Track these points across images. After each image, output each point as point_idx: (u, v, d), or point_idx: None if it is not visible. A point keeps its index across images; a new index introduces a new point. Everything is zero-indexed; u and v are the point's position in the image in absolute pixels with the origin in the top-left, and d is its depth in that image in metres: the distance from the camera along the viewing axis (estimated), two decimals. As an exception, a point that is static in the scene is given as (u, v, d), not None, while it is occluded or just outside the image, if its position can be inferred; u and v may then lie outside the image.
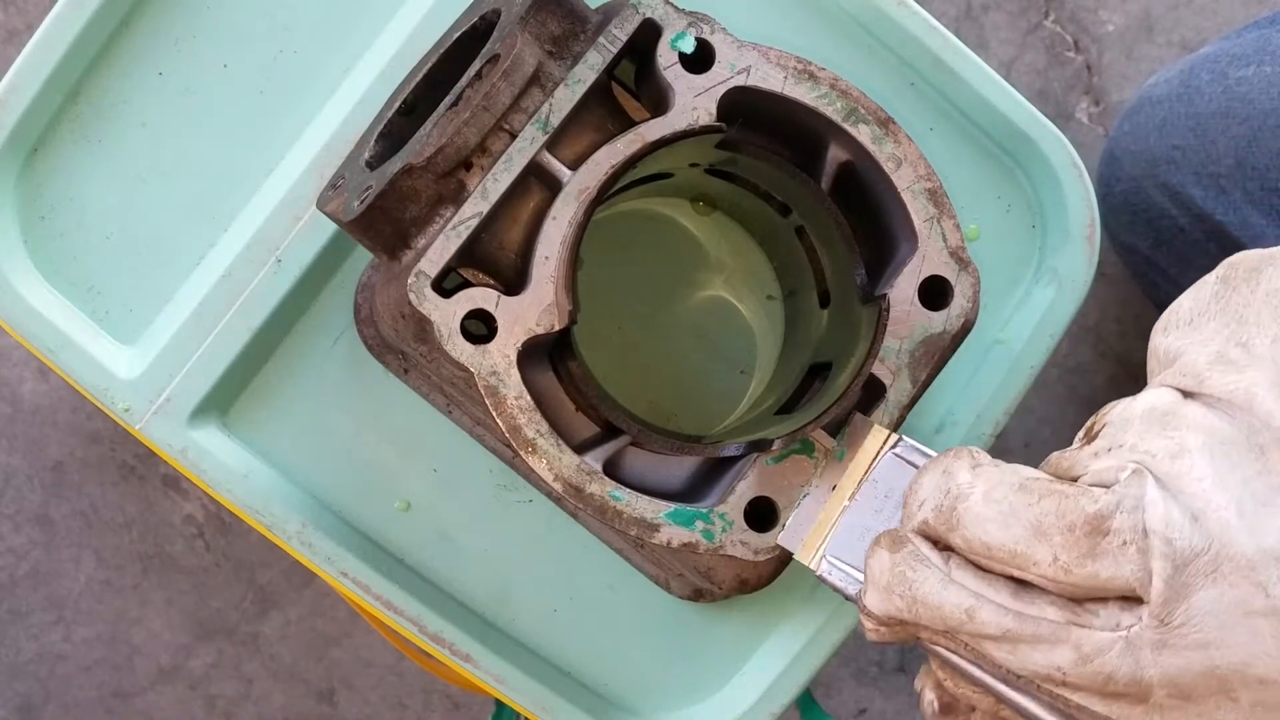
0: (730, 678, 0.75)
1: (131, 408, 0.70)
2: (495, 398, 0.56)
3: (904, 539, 0.49)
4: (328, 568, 0.71)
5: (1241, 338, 0.45)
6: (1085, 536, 0.44)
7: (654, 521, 0.58)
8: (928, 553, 0.48)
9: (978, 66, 0.71)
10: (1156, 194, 0.87)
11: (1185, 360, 0.46)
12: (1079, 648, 0.44)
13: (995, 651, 0.46)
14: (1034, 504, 0.45)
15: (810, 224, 0.65)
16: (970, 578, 0.46)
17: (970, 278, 0.59)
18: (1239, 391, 0.44)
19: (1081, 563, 0.44)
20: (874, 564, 0.49)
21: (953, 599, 0.46)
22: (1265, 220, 0.78)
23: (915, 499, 0.49)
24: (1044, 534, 0.44)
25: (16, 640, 1.12)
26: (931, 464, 0.50)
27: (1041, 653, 0.45)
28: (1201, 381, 0.45)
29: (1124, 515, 0.43)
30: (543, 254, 0.57)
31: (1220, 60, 0.83)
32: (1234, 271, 0.47)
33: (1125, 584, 0.43)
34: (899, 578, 0.48)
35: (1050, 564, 0.44)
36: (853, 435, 0.57)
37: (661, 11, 0.57)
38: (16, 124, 0.69)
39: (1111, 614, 0.44)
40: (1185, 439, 0.44)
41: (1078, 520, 0.44)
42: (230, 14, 0.71)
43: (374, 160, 0.61)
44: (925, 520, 0.48)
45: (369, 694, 1.14)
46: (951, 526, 0.47)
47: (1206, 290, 0.47)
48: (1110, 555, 0.43)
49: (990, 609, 0.45)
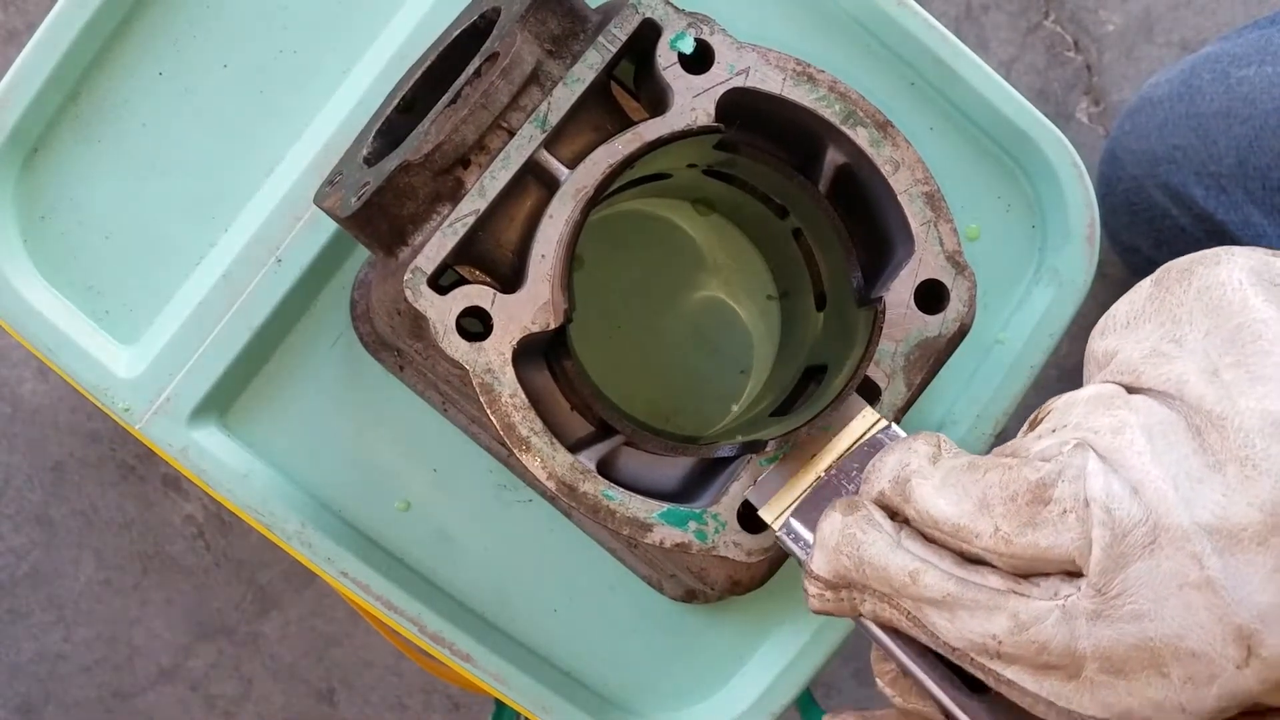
0: (730, 678, 0.74)
1: (131, 407, 0.70)
2: (490, 395, 0.56)
3: (858, 504, 0.50)
4: (328, 567, 0.71)
5: (1175, 334, 0.46)
6: (1026, 505, 0.44)
7: (647, 521, 0.57)
8: (880, 519, 0.49)
9: (978, 66, 0.71)
10: (1157, 194, 0.87)
11: (1121, 358, 0.47)
12: (1015, 615, 0.44)
13: (935, 618, 0.46)
14: (979, 479, 0.46)
15: (807, 226, 0.65)
16: (918, 545, 0.47)
17: (966, 281, 0.59)
18: (1171, 380, 0.44)
19: (1022, 531, 0.44)
20: (825, 525, 0.50)
21: (899, 561, 0.47)
22: (1266, 219, 0.78)
23: (877, 473, 0.50)
24: (988, 506, 0.45)
25: (16, 640, 1.12)
26: (898, 444, 0.51)
27: (979, 620, 0.45)
28: (1138, 376, 0.46)
29: (1065, 484, 0.44)
30: (539, 252, 0.57)
31: (1221, 60, 0.83)
32: (1167, 274, 0.48)
33: (1065, 554, 0.44)
34: (848, 539, 0.49)
35: (991, 535, 0.45)
36: (843, 413, 0.57)
37: (661, 12, 0.57)
38: (16, 124, 0.69)
39: (1051, 585, 0.44)
40: (1126, 417, 0.44)
41: (1020, 489, 0.45)
42: (230, 14, 0.71)
43: (372, 157, 0.61)
44: (882, 490, 0.49)
45: (369, 694, 1.14)
46: (905, 498, 0.48)
47: (1141, 294, 0.48)
48: (1050, 524, 0.44)
49: (934, 573, 0.46)
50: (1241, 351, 0.44)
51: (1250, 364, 0.43)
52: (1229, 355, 0.44)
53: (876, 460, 0.51)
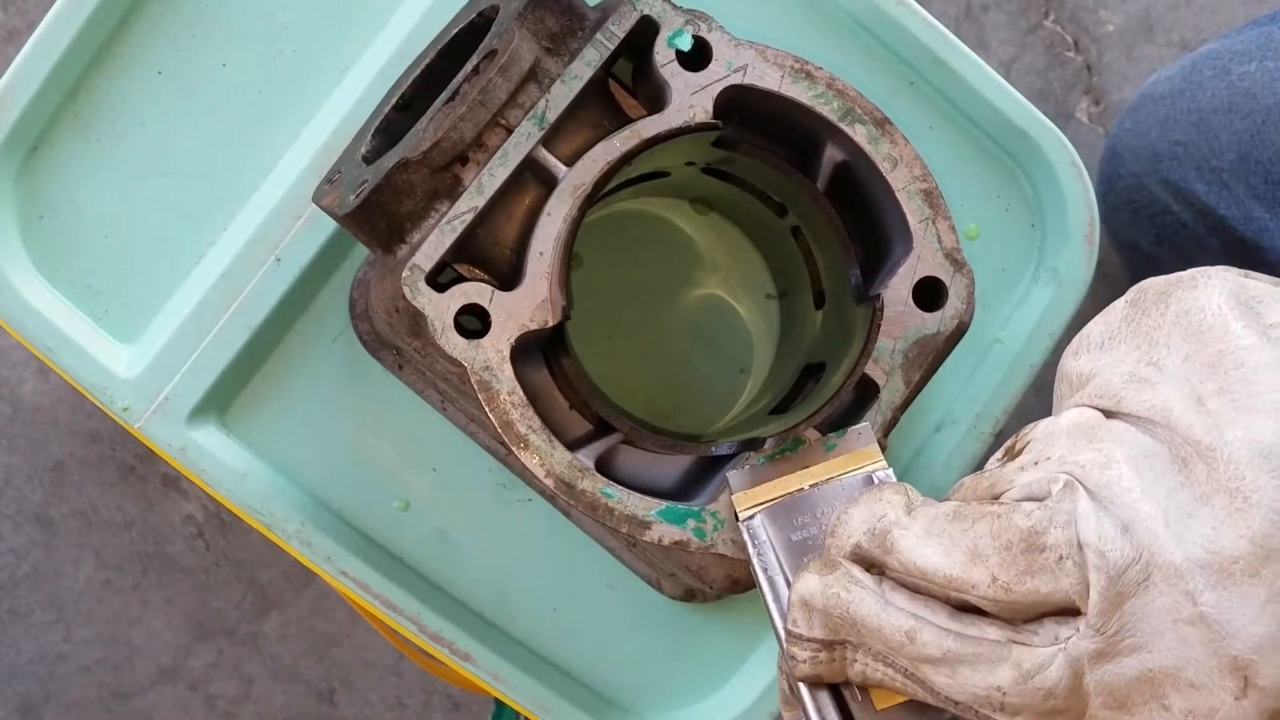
0: (729, 677, 0.74)
1: (130, 407, 0.70)
2: (488, 393, 0.56)
3: (835, 562, 0.48)
4: (327, 567, 0.71)
5: (1153, 358, 0.45)
6: (1021, 554, 0.44)
7: (645, 519, 0.57)
8: (860, 575, 0.47)
9: (978, 66, 0.71)
10: (1158, 190, 0.87)
11: (1099, 381, 0.46)
12: (1019, 665, 0.44)
13: (934, 675, 0.46)
14: (968, 528, 0.45)
15: (806, 224, 0.65)
16: (905, 599, 0.46)
17: (965, 279, 0.59)
18: (1156, 408, 0.44)
19: (1021, 580, 0.44)
20: (802, 587, 0.48)
21: (892, 620, 0.46)
22: (1268, 214, 0.78)
23: (845, 529, 0.49)
24: (980, 556, 0.45)
25: (16, 640, 1.12)
26: (863, 497, 0.49)
27: (981, 674, 0.45)
28: (1119, 401, 0.45)
29: (1058, 530, 0.43)
30: (537, 250, 0.57)
31: (1222, 56, 0.83)
32: (1143, 296, 0.47)
33: (1064, 598, 0.43)
34: (834, 599, 0.47)
35: (989, 585, 0.44)
36: (850, 439, 0.56)
37: (659, 9, 0.57)
38: (16, 123, 0.69)
39: (1050, 630, 0.44)
40: (1112, 451, 0.44)
41: (1013, 538, 0.44)
42: (230, 14, 0.71)
43: (370, 155, 0.61)
44: (858, 544, 0.48)
45: (369, 694, 1.14)
46: (886, 550, 0.47)
47: (1116, 315, 0.47)
48: (1048, 571, 0.43)
49: (931, 630, 0.45)
50: (1225, 379, 0.43)
51: (1234, 392, 0.43)
52: (1211, 383, 0.43)
53: (841, 513, 0.49)
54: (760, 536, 0.54)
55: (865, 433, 0.56)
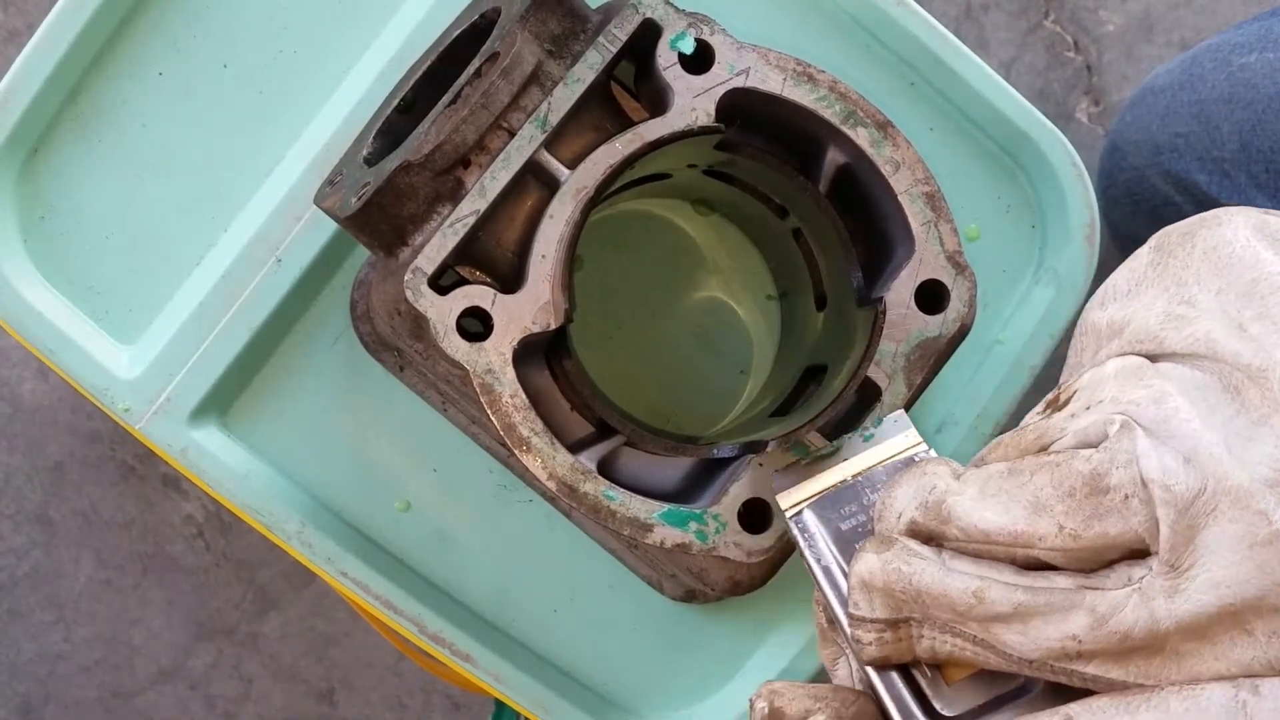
0: (730, 678, 0.74)
1: (131, 407, 0.70)
2: (490, 396, 0.56)
3: (891, 539, 0.47)
4: (327, 567, 0.71)
5: (1184, 296, 0.45)
6: (1086, 499, 0.43)
7: (647, 522, 0.57)
8: (918, 547, 0.47)
9: (978, 66, 0.71)
10: (1160, 182, 0.87)
11: (1135, 326, 0.46)
12: (1094, 610, 0.43)
13: (1006, 634, 0.45)
14: (1026, 482, 0.45)
15: (808, 226, 0.65)
16: (968, 564, 0.46)
17: (967, 282, 0.59)
18: (1199, 341, 0.44)
19: (1089, 524, 0.43)
20: (860, 567, 0.47)
21: (958, 584, 0.45)
22: (1270, 203, 0.78)
23: (892, 508, 0.48)
24: (1044, 508, 0.44)
25: (16, 640, 1.12)
26: (906, 475, 0.49)
27: (1054, 625, 0.44)
28: (1160, 342, 0.45)
29: (1120, 470, 0.43)
30: (540, 253, 0.57)
31: (1223, 49, 0.83)
32: (1167, 239, 0.47)
33: (1135, 537, 0.43)
34: (895, 574, 0.46)
35: (1057, 534, 0.44)
36: (886, 427, 0.56)
37: (661, 12, 0.57)
38: (16, 124, 0.69)
39: (1122, 573, 0.43)
40: (1163, 386, 0.44)
41: (1076, 484, 0.43)
42: (230, 14, 0.71)
43: (372, 157, 0.61)
44: (913, 519, 0.47)
45: (369, 694, 1.14)
46: (944, 520, 0.46)
47: (1141, 261, 0.47)
48: (1115, 512, 0.43)
49: (999, 587, 0.44)
50: (1263, 304, 0.43)
51: (1275, 315, 0.43)
52: (1249, 309, 0.43)
53: (886, 494, 0.49)
54: (810, 529, 0.53)
55: (901, 419, 0.55)
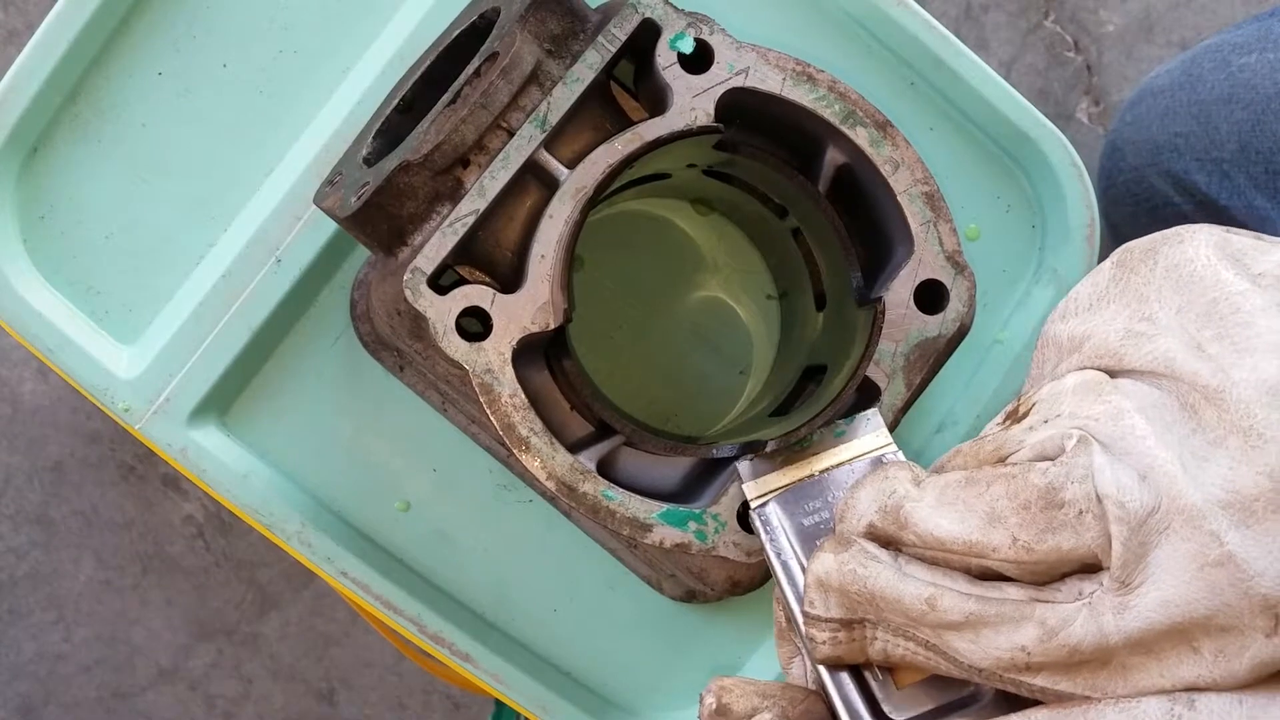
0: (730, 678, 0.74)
1: (131, 407, 0.70)
2: (489, 395, 0.56)
3: (850, 540, 0.48)
4: (327, 568, 0.71)
5: (1145, 313, 0.45)
6: (1041, 512, 0.44)
7: (647, 522, 0.57)
8: (875, 550, 0.47)
9: (978, 66, 0.71)
10: (1160, 182, 0.87)
11: (1096, 341, 0.46)
12: (1044, 622, 0.43)
13: (957, 642, 0.45)
14: (983, 492, 0.45)
15: (807, 226, 0.65)
16: (923, 570, 0.46)
17: (966, 282, 0.59)
18: (1158, 359, 0.44)
19: (1042, 538, 0.43)
20: (818, 566, 0.48)
21: (911, 590, 0.46)
22: (1269, 203, 0.78)
23: (854, 510, 0.49)
24: (999, 519, 0.44)
25: (16, 640, 1.12)
26: (869, 478, 0.49)
27: (1005, 635, 0.44)
28: (1120, 358, 0.45)
29: (1075, 485, 0.43)
30: (539, 252, 0.57)
31: (1223, 49, 0.83)
32: (1129, 256, 0.47)
33: (1088, 551, 0.43)
34: (850, 575, 0.47)
35: (1010, 546, 0.44)
36: (858, 424, 0.56)
37: (661, 11, 0.57)
38: (16, 124, 0.69)
39: (1073, 586, 0.44)
40: (1121, 403, 0.44)
41: (1031, 497, 0.44)
42: (230, 14, 0.71)
43: (371, 157, 0.61)
44: (871, 523, 0.48)
45: (369, 694, 1.14)
46: (901, 524, 0.47)
47: (1103, 276, 0.47)
48: (1069, 526, 0.43)
49: (951, 595, 0.45)
50: (1222, 324, 0.43)
51: (1234, 336, 0.43)
52: (1209, 329, 0.44)
53: (849, 495, 0.49)
54: (773, 523, 0.54)
55: (874, 418, 0.56)
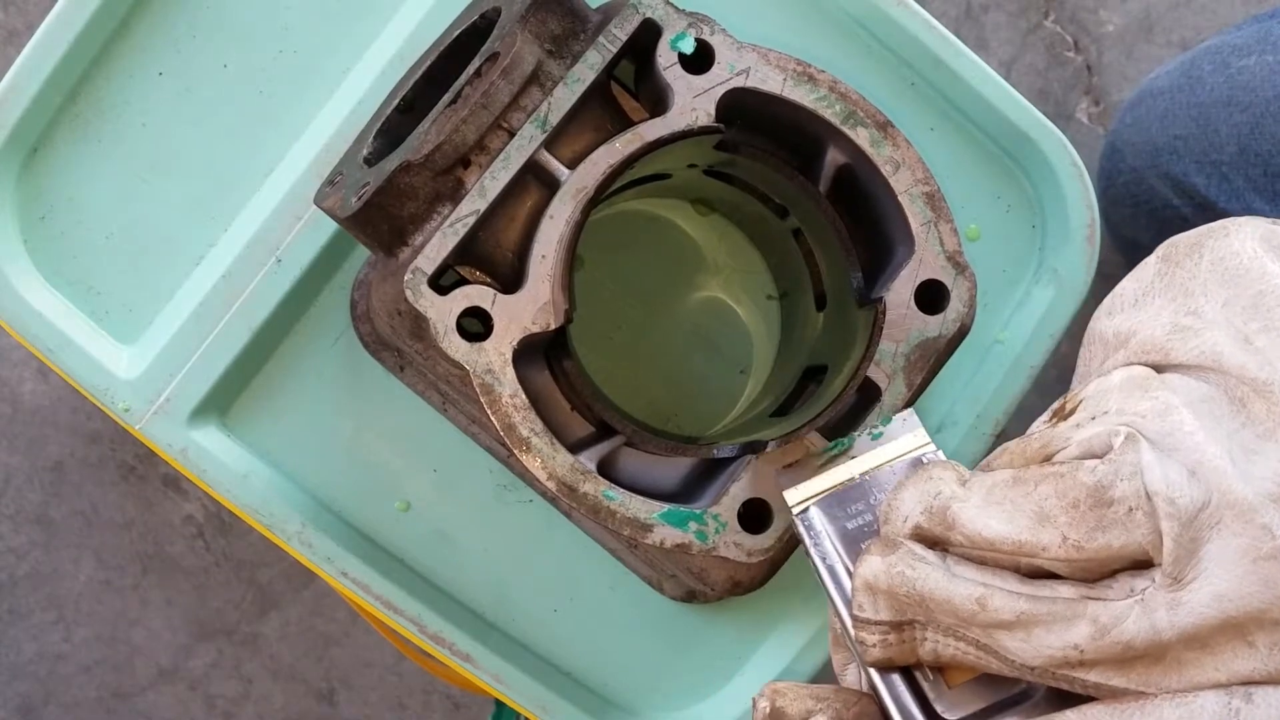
0: (730, 678, 0.74)
1: (131, 408, 0.70)
2: (490, 396, 0.56)
3: (896, 542, 0.47)
4: (328, 568, 0.71)
5: (1191, 307, 0.45)
6: (1090, 510, 0.43)
7: (647, 522, 0.57)
8: (924, 552, 0.47)
9: (978, 66, 0.71)
10: (1159, 184, 0.87)
11: (1142, 336, 0.46)
12: (1095, 620, 0.43)
13: (1008, 641, 0.45)
14: (1031, 491, 0.45)
15: (807, 226, 0.65)
16: (973, 570, 0.46)
17: (967, 282, 0.59)
18: (1205, 353, 0.44)
19: (1092, 536, 0.43)
20: (865, 569, 0.48)
21: (962, 590, 0.45)
22: (1269, 206, 0.78)
23: (898, 512, 0.48)
24: (1048, 518, 0.44)
25: (16, 640, 1.12)
26: (911, 478, 0.49)
27: (1057, 634, 0.44)
28: (1167, 353, 0.45)
29: (1124, 483, 0.43)
30: (540, 253, 0.57)
31: (1222, 51, 0.83)
32: (1174, 250, 0.47)
33: (1138, 549, 0.43)
34: (899, 578, 0.47)
35: (1060, 545, 0.44)
36: (895, 425, 0.55)
37: (661, 12, 0.57)
38: (16, 124, 0.69)
39: (1124, 583, 0.44)
40: (1168, 398, 0.44)
41: (1080, 496, 0.43)
42: (230, 14, 0.71)
43: (372, 157, 0.61)
44: (917, 524, 0.47)
45: (369, 694, 1.14)
46: (949, 525, 0.46)
47: (1149, 271, 0.48)
48: (1119, 524, 0.43)
49: (1002, 595, 0.45)
50: (1269, 317, 0.44)
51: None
52: (1256, 321, 0.44)
53: (892, 496, 0.49)
54: (816, 528, 0.53)
55: (910, 418, 0.55)
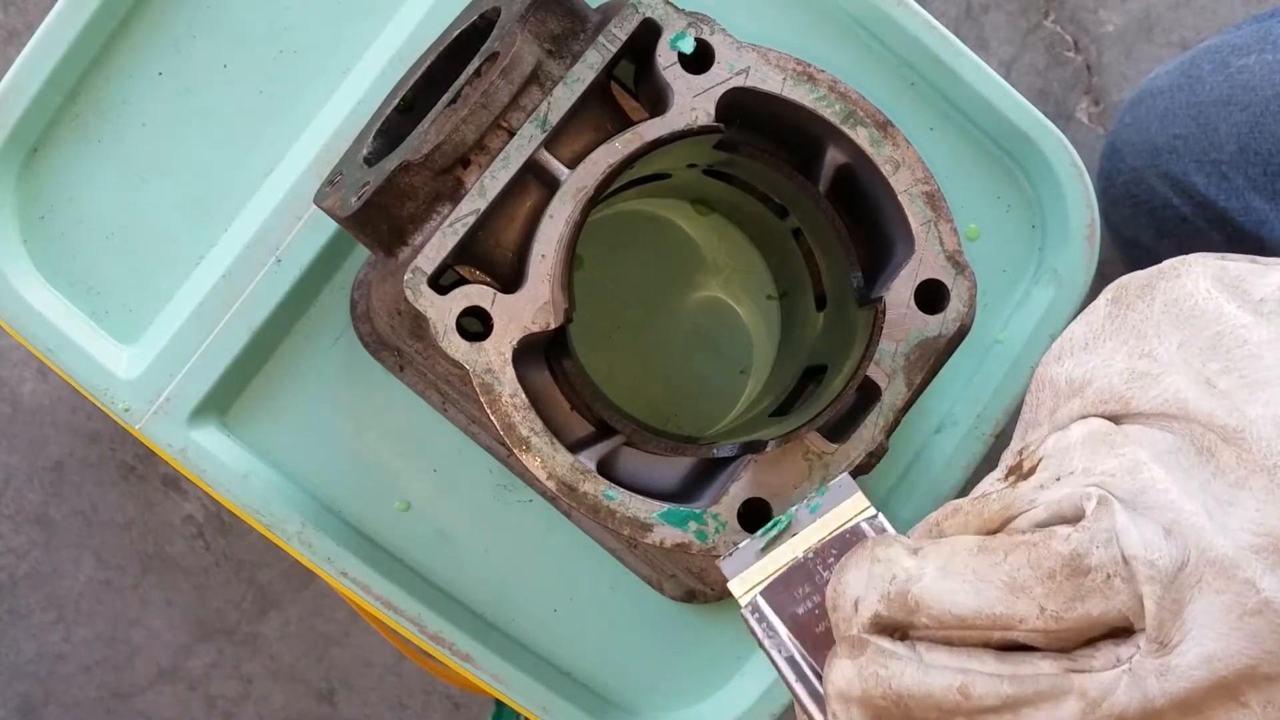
0: (730, 677, 0.74)
1: (131, 407, 0.70)
2: (490, 395, 0.56)
3: (861, 640, 0.45)
4: (328, 568, 0.71)
5: (1145, 349, 0.44)
6: (1067, 580, 0.42)
7: (647, 521, 0.57)
8: (891, 646, 0.44)
9: (978, 66, 0.71)
10: (1159, 184, 0.87)
11: (1099, 385, 0.45)
12: (1084, 694, 0.42)
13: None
14: (1001, 562, 0.43)
15: (807, 226, 0.65)
16: (946, 656, 0.44)
17: (966, 281, 0.59)
18: (1169, 400, 0.43)
19: (1071, 606, 0.42)
20: (837, 677, 0.45)
21: (940, 681, 0.43)
22: (1268, 205, 0.78)
23: (845, 597, 0.46)
24: (1022, 589, 0.42)
25: (16, 640, 1.12)
26: (854, 556, 0.46)
27: (1046, 712, 0.42)
28: (1126, 402, 0.44)
29: (1100, 550, 0.41)
30: (539, 252, 0.57)
31: (1222, 50, 0.83)
32: (1124, 292, 0.46)
33: (1119, 615, 0.42)
34: (873, 680, 0.44)
35: (1038, 616, 0.42)
36: (832, 494, 0.54)
37: (661, 11, 0.57)
38: (16, 124, 0.69)
39: (1108, 652, 0.42)
40: (1136, 454, 0.42)
41: (1056, 566, 0.42)
42: (230, 14, 0.71)
43: (372, 157, 0.61)
44: (876, 614, 0.45)
45: (369, 694, 1.14)
46: (911, 610, 0.44)
47: (1099, 314, 0.46)
48: (1098, 592, 0.41)
49: (984, 680, 0.43)
50: (1229, 358, 0.42)
51: (1243, 370, 0.42)
52: (1215, 363, 0.42)
53: (835, 580, 0.47)
54: (768, 618, 0.51)
55: (846, 483, 0.53)
